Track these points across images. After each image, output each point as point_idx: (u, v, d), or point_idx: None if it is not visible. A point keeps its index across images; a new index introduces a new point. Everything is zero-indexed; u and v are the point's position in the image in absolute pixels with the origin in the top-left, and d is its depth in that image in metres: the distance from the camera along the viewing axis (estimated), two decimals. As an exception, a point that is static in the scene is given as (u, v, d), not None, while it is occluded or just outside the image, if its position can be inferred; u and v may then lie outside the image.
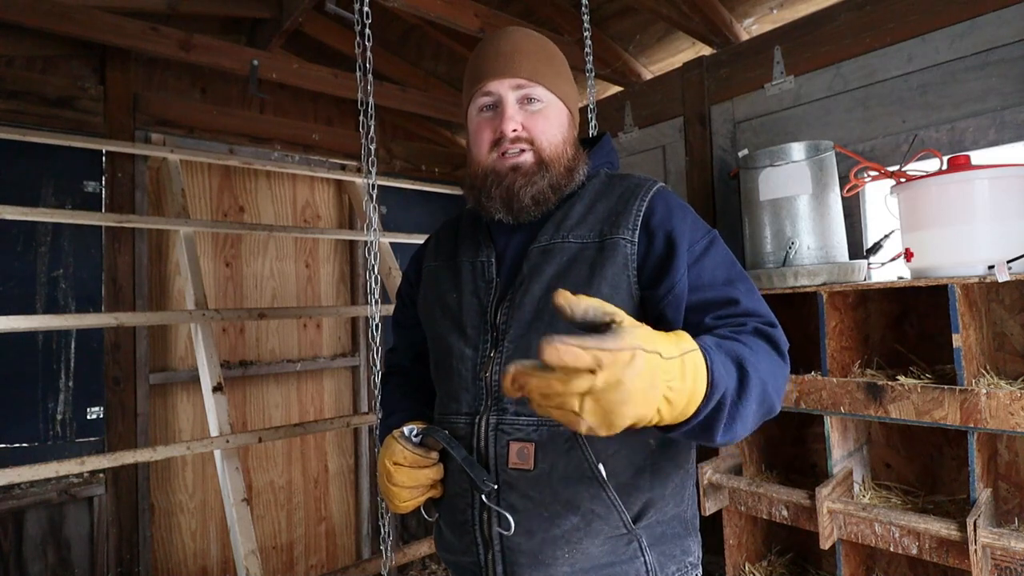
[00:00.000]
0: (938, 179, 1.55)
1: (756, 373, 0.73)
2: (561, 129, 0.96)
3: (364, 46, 1.64)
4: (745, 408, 0.71)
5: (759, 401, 0.74)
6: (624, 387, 0.57)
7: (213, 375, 1.97)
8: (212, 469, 2.66)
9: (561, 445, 0.85)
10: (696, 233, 0.90)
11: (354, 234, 2.87)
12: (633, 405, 0.58)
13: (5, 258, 2.19)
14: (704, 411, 0.66)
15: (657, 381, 0.60)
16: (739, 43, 2.38)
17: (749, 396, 0.72)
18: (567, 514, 0.85)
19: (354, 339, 3.18)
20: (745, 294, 0.86)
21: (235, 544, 1.74)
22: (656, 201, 0.92)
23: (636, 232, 0.90)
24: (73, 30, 2.16)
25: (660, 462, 0.90)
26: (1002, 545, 1.36)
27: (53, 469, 1.56)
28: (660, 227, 0.89)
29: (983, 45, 1.76)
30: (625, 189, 0.96)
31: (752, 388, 0.72)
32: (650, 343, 0.60)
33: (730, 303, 0.85)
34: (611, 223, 0.91)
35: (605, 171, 1.03)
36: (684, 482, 0.94)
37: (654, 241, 0.89)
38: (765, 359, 0.78)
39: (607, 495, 0.85)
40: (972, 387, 1.43)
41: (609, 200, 0.95)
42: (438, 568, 3.22)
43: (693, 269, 0.87)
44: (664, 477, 0.90)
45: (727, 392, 0.68)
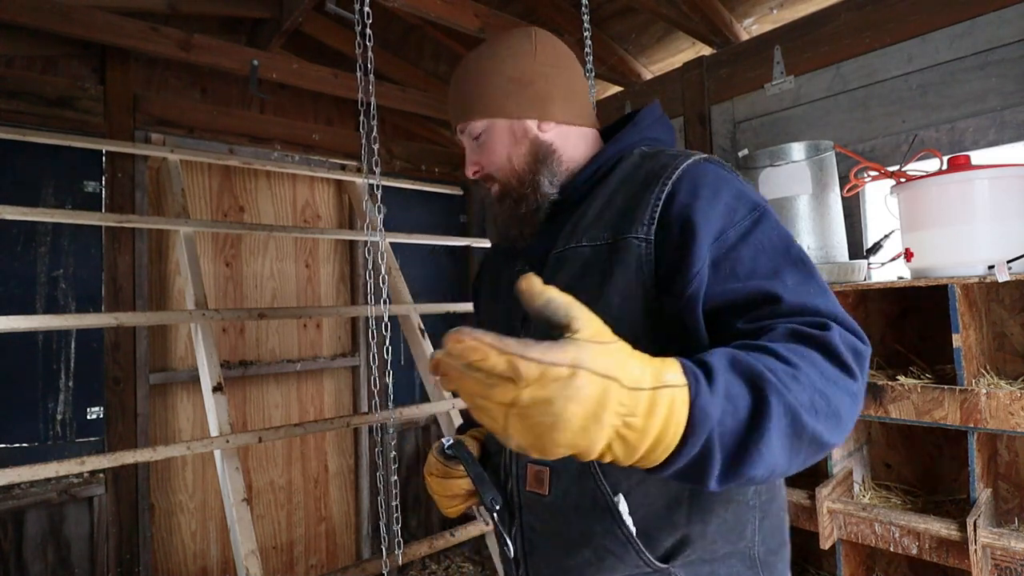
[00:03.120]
0: (938, 179, 1.55)
1: (783, 398, 0.56)
2: (504, 149, 0.91)
3: (364, 46, 1.64)
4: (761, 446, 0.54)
5: (790, 433, 0.56)
6: (553, 410, 0.47)
7: (213, 375, 1.97)
8: (212, 469, 2.66)
9: (574, 471, 0.78)
10: (732, 216, 0.73)
11: (354, 234, 2.87)
12: (567, 433, 0.47)
13: (5, 258, 2.19)
14: (683, 458, 0.52)
15: (605, 413, 0.48)
16: (739, 43, 2.38)
17: (767, 431, 0.54)
18: (579, 547, 0.78)
19: (354, 339, 3.18)
20: (794, 287, 0.67)
21: (235, 544, 1.74)
22: (681, 184, 0.76)
23: (652, 227, 0.75)
24: (73, 30, 2.16)
25: (703, 494, 0.75)
26: (1002, 545, 1.36)
27: (53, 469, 1.56)
28: (678, 217, 0.74)
29: (983, 45, 1.76)
30: (648, 172, 0.81)
31: (773, 419, 0.55)
32: (605, 365, 0.48)
33: (768, 300, 0.67)
34: (627, 218, 0.78)
35: (640, 150, 0.88)
36: (740, 517, 0.78)
37: (671, 235, 0.73)
38: (808, 374, 0.59)
39: (622, 531, 0.75)
40: (972, 387, 1.43)
41: (632, 187, 0.82)
42: (438, 568, 3.22)
43: (726, 262, 0.70)
44: (706, 512, 0.76)
45: (713, 435, 0.53)
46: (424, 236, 3.00)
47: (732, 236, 0.71)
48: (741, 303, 0.68)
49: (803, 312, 0.66)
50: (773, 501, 0.83)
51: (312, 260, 3.09)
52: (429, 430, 3.38)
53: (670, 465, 0.53)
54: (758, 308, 0.67)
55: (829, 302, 0.68)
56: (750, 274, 0.69)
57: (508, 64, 0.91)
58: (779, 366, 0.58)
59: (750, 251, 0.71)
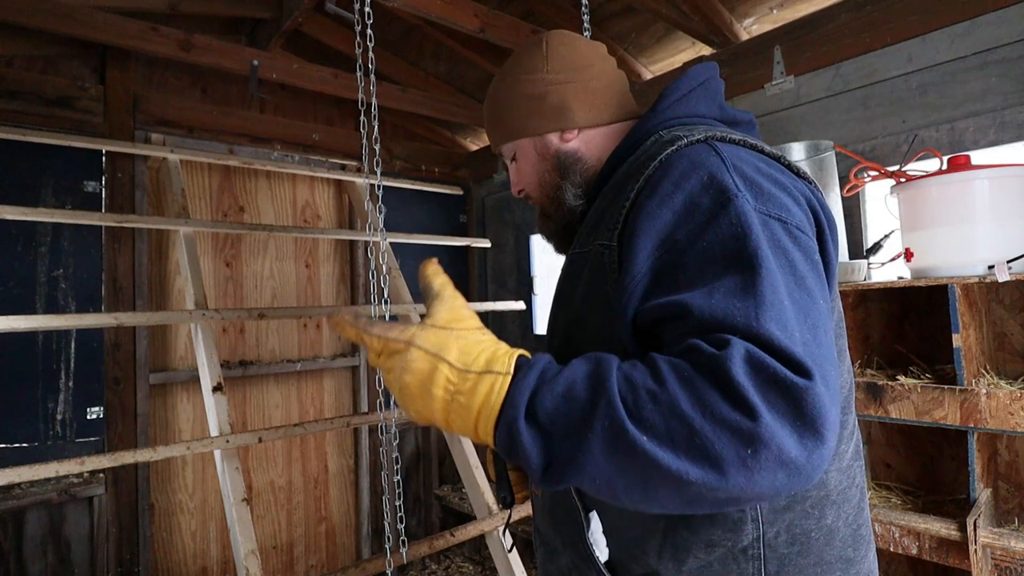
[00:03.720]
0: (938, 179, 1.55)
1: (611, 409, 0.51)
2: (533, 168, 0.92)
3: (365, 46, 1.64)
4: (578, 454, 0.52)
5: (617, 450, 0.51)
6: (396, 377, 0.59)
7: (213, 375, 1.97)
8: (212, 469, 2.66)
9: None
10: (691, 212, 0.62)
11: (354, 234, 2.87)
12: (410, 399, 0.59)
13: (5, 258, 2.19)
14: (500, 440, 0.56)
15: (434, 386, 0.57)
16: (739, 43, 2.38)
17: (587, 440, 0.52)
18: (559, 553, 0.79)
19: (354, 339, 3.18)
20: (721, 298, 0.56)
21: (235, 544, 1.74)
22: (653, 176, 0.68)
23: (615, 232, 0.69)
24: (73, 30, 2.16)
25: (678, 530, 0.67)
26: (1002, 545, 1.36)
27: (53, 469, 1.56)
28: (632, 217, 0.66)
29: (983, 45, 1.76)
30: (635, 166, 0.73)
31: (595, 430, 0.52)
32: (436, 345, 0.58)
33: (680, 315, 0.57)
34: (600, 223, 0.74)
35: (657, 136, 0.78)
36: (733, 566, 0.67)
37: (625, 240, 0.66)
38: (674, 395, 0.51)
39: (586, 547, 0.72)
40: (972, 387, 1.43)
41: (616, 186, 0.76)
42: (438, 568, 3.22)
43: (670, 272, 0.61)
44: (681, 550, 0.67)
45: (517, 424, 0.54)
46: (424, 236, 3.00)
47: (683, 239, 0.61)
48: (662, 319, 0.59)
49: (714, 328, 0.54)
50: (805, 556, 0.68)
51: (312, 260, 3.09)
52: (429, 430, 3.38)
53: (498, 444, 0.56)
54: (672, 323, 0.58)
55: (759, 317, 0.53)
56: (691, 283, 0.58)
57: (522, 82, 0.91)
58: (644, 380, 0.53)
59: (697, 257, 0.60)
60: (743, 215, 0.60)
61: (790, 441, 0.49)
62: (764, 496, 0.51)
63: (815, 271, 0.62)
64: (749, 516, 0.66)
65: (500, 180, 3.43)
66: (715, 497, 0.50)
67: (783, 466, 0.49)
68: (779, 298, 0.55)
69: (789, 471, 0.49)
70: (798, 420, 0.49)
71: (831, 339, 0.58)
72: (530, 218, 3.33)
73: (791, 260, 0.59)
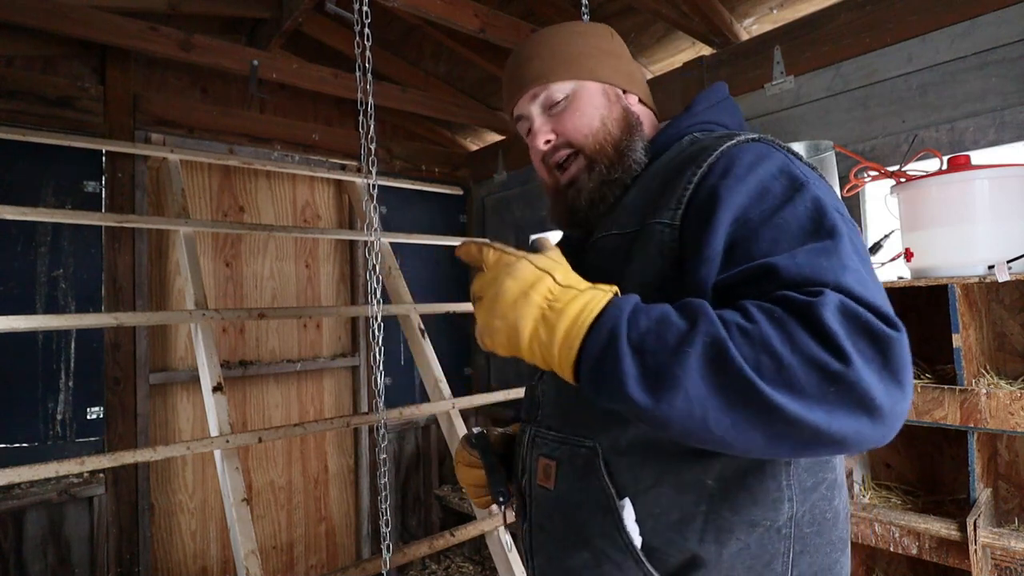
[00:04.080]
0: (938, 179, 1.55)
1: (714, 332, 0.53)
2: (598, 111, 0.85)
3: (364, 46, 1.64)
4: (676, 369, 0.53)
5: (714, 369, 0.53)
6: (497, 283, 0.62)
7: (213, 375, 1.97)
8: (212, 469, 2.66)
9: (579, 467, 0.75)
10: (764, 195, 0.66)
11: (354, 234, 2.87)
12: (502, 304, 0.61)
13: (5, 258, 2.19)
14: (591, 346, 0.57)
15: (534, 293, 0.60)
16: (739, 43, 2.38)
17: (685, 355, 0.53)
18: (579, 547, 0.75)
19: (354, 339, 3.18)
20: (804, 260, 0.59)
21: (235, 544, 1.74)
22: (717, 164, 0.70)
23: (680, 211, 0.70)
24: (73, 30, 2.16)
25: (722, 512, 0.68)
26: (1002, 545, 1.36)
27: (53, 469, 1.56)
28: (704, 197, 0.68)
29: (983, 45, 1.76)
30: (688, 157, 0.76)
31: (696, 347, 0.53)
32: (545, 264, 0.62)
33: (766, 274, 0.59)
34: (655, 205, 0.74)
35: (692, 136, 0.83)
36: (766, 545, 0.68)
37: (694, 217, 0.68)
38: (767, 332, 0.53)
39: (621, 537, 0.70)
40: (972, 387, 1.43)
41: (666, 174, 0.77)
42: (438, 568, 3.22)
43: (742, 245, 0.63)
44: (724, 532, 0.68)
45: (619, 325, 0.56)
46: (424, 236, 3.00)
47: (756, 218, 0.64)
48: (744, 282, 0.61)
49: (804, 284, 0.57)
50: (820, 536, 0.72)
51: (312, 260, 3.09)
52: (429, 430, 3.38)
53: (585, 355, 0.57)
54: (758, 284, 0.60)
55: (844, 274, 0.57)
56: (765, 255, 0.61)
57: (597, 36, 0.91)
58: (734, 317, 0.55)
59: (771, 232, 0.63)
60: (817, 199, 0.65)
61: (878, 387, 0.51)
62: (847, 439, 0.52)
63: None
64: (786, 495, 0.69)
65: (500, 180, 3.43)
66: (800, 433, 0.52)
67: (867, 410, 0.51)
68: (858, 264, 0.60)
69: (873, 416, 0.52)
70: (885, 368, 0.52)
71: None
72: (530, 218, 3.33)
73: (858, 241, 0.64)
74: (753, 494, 0.68)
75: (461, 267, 3.61)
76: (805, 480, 0.71)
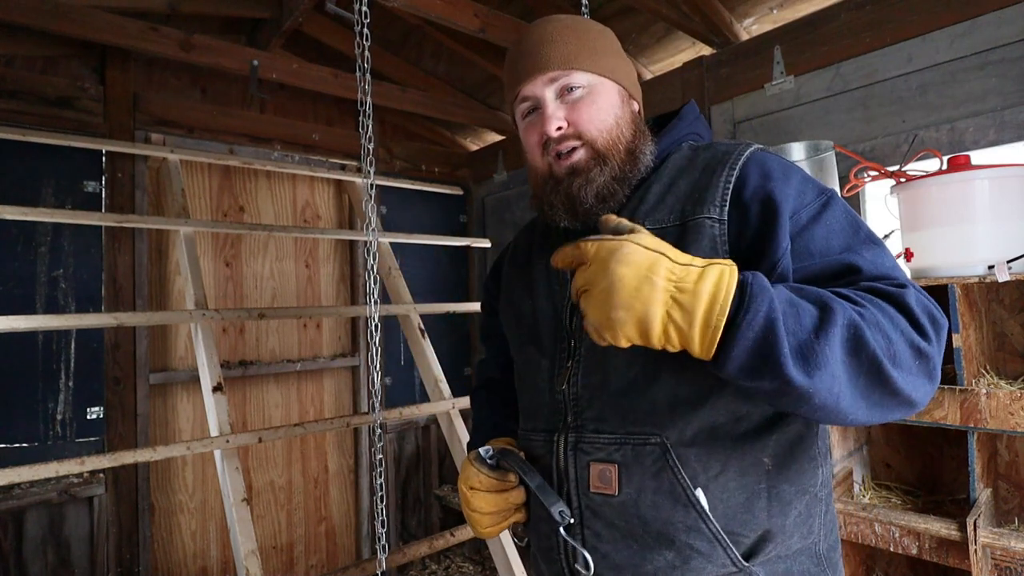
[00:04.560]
0: (938, 179, 1.55)
1: (846, 311, 0.60)
2: (613, 110, 0.84)
3: (363, 46, 1.64)
4: (825, 346, 0.58)
5: (851, 349, 0.60)
6: (610, 273, 0.58)
7: (213, 375, 1.97)
8: (212, 469, 2.66)
9: (649, 466, 0.74)
10: (803, 198, 0.75)
11: (354, 234, 2.87)
12: (623, 294, 0.57)
13: (5, 258, 2.19)
14: (747, 328, 0.57)
15: (656, 276, 0.57)
16: (739, 43, 2.38)
17: (830, 333, 0.58)
18: (659, 548, 0.73)
19: (354, 339, 3.18)
20: (871, 259, 0.71)
21: (235, 544, 1.74)
22: (749, 168, 0.77)
23: (725, 209, 0.75)
24: (73, 30, 2.16)
25: (780, 485, 0.75)
26: (1002, 545, 1.36)
27: (53, 469, 1.56)
28: (755, 197, 0.74)
29: (983, 45, 1.76)
30: (711, 159, 0.81)
31: (836, 324, 0.59)
32: (653, 243, 0.60)
33: (848, 271, 0.70)
34: (694, 200, 0.78)
35: (689, 143, 0.89)
36: (811, 509, 0.78)
37: (748, 215, 0.74)
38: (874, 314, 0.62)
39: (708, 527, 0.72)
40: (972, 387, 1.43)
41: (692, 175, 0.81)
42: (438, 568, 3.22)
43: (799, 240, 0.72)
44: (785, 504, 0.75)
45: (774, 308, 0.57)
46: (424, 236, 3.01)
47: (804, 217, 0.73)
48: (822, 277, 0.70)
49: (883, 278, 0.69)
50: (830, 495, 0.84)
51: (312, 260, 3.09)
52: (429, 430, 3.38)
53: (739, 338, 0.57)
54: (840, 279, 0.70)
55: (902, 274, 0.71)
56: (824, 252, 0.72)
57: (610, 37, 0.92)
58: (842, 296, 0.64)
59: (822, 230, 0.73)
60: (848, 207, 0.77)
61: (938, 360, 0.66)
62: (919, 401, 0.65)
63: None
64: (819, 461, 0.80)
65: (500, 180, 3.43)
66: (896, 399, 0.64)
67: (932, 377, 0.66)
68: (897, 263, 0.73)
69: (933, 382, 0.66)
70: (940, 346, 0.67)
71: None
72: (531, 217, 3.32)
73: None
74: (801, 464, 0.77)
75: (461, 267, 3.61)
76: (822, 447, 0.82)
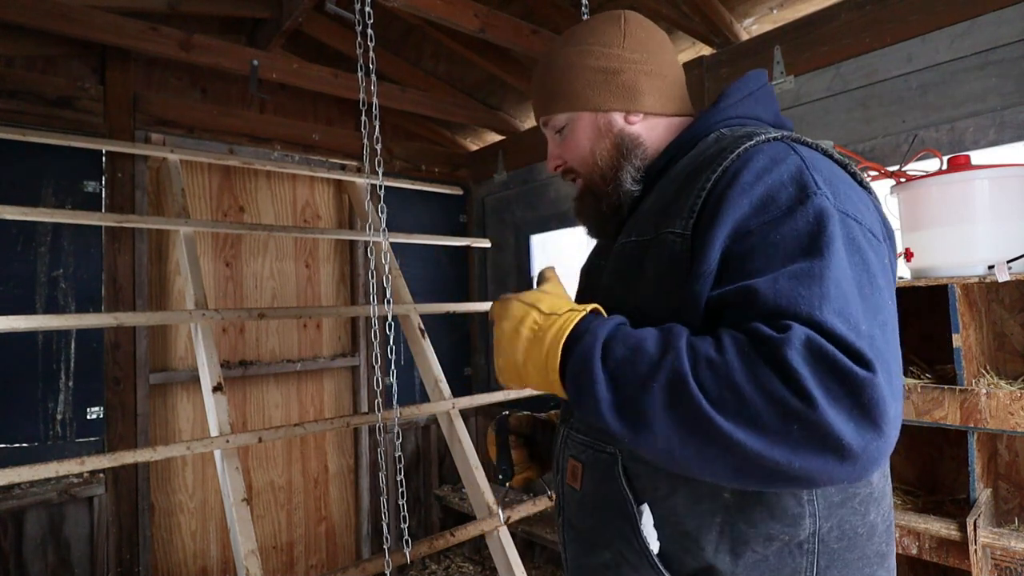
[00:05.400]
0: (938, 179, 1.55)
1: (675, 362, 0.56)
2: (589, 142, 0.87)
3: (365, 46, 1.64)
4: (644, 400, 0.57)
5: (674, 401, 0.55)
6: (499, 328, 0.71)
7: (213, 375, 1.97)
8: (212, 469, 2.66)
9: (602, 471, 0.77)
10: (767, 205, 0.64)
11: (354, 234, 2.87)
12: (504, 341, 0.70)
13: (5, 258, 2.19)
14: (568, 382, 0.64)
15: (523, 327, 0.68)
16: (739, 43, 2.38)
17: (651, 388, 0.56)
18: (601, 547, 0.78)
19: (354, 339, 3.18)
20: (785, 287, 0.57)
21: (235, 544, 1.74)
22: (730, 168, 0.69)
23: (690, 221, 0.69)
24: (73, 30, 2.16)
25: (738, 525, 0.67)
26: (1002, 545, 1.36)
27: (53, 469, 1.56)
28: (709, 207, 0.67)
29: (983, 45, 1.76)
30: (706, 159, 0.74)
31: (657, 378, 0.56)
32: (532, 299, 0.71)
33: (745, 300, 0.59)
34: (668, 212, 0.73)
35: (718, 133, 0.81)
36: (789, 560, 0.67)
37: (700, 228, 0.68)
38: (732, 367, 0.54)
39: (637, 541, 0.72)
40: (972, 387, 1.44)
41: (683, 178, 0.76)
42: (438, 568, 3.22)
43: (737, 260, 0.63)
44: (739, 544, 0.67)
45: (589, 366, 0.60)
46: (424, 236, 3.00)
47: (755, 230, 0.63)
48: (729, 303, 0.61)
49: (778, 314, 0.56)
50: (852, 551, 0.70)
51: (312, 260, 3.08)
52: (429, 430, 3.38)
53: (566, 377, 0.64)
54: (740, 308, 0.60)
55: (823, 307, 0.55)
56: (756, 273, 0.61)
57: (594, 53, 0.86)
58: (705, 348, 0.57)
59: (766, 248, 0.61)
60: (822, 211, 0.62)
61: (846, 428, 0.51)
62: (815, 476, 0.53)
63: (885, 273, 0.65)
64: (807, 511, 0.68)
65: (500, 180, 3.43)
66: (762, 468, 0.53)
67: (833, 450, 0.51)
68: (846, 291, 0.57)
69: (842, 456, 0.51)
70: (855, 409, 0.51)
71: (898, 339, 0.62)
72: (531, 218, 3.33)
73: (865, 259, 0.61)
74: (770, 508, 0.67)
75: (461, 267, 3.61)
76: (832, 495, 0.69)
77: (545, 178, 3.17)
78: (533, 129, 3.29)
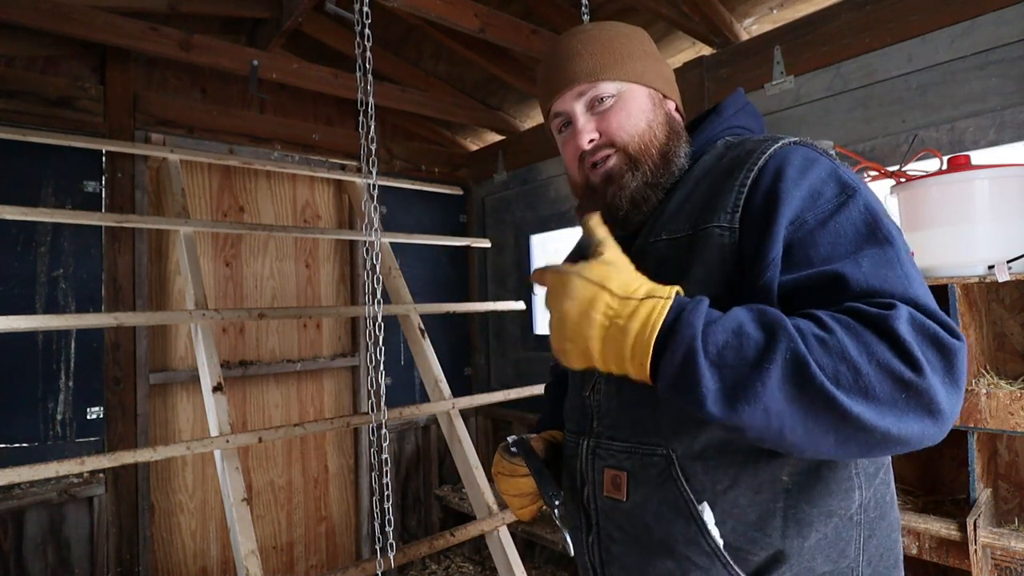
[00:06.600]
0: (938, 179, 1.55)
1: (793, 346, 0.56)
2: (644, 113, 0.84)
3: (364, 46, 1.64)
4: (758, 384, 0.55)
5: (795, 383, 0.55)
6: (558, 306, 0.62)
7: (213, 375, 1.97)
8: (212, 469, 2.66)
9: (654, 476, 0.75)
10: (816, 199, 0.68)
11: (354, 234, 2.87)
12: (568, 326, 0.62)
13: (5, 258, 2.19)
14: (667, 365, 0.58)
15: (594, 311, 0.60)
16: (739, 43, 2.38)
17: (767, 371, 0.55)
18: (661, 556, 0.74)
19: (354, 339, 3.18)
20: (869, 270, 0.62)
21: (235, 544, 1.74)
22: (768, 167, 0.72)
23: (737, 215, 0.71)
24: (73, 30, 2.16)
25: (799, 505, 0.70)
26: (1002, 545, 1.36)
27: (53, 469, 1.56)
28: (761, 200, 0.70)
29: (983, 45, 1.76)
30: (735, 158, 0.77)
31: (776, 362, 0.55)
32: (598, 275, 0.61)
33: (835, 284, 0.62)
34: (708, 208, 0.75)
35: (725, 140, 0.86)
36: (841, 533, 0.71)
37: (754, 221, 0.70)
38: (844, 343, 0.56)
39: (706, 542, 0.70)
40: (972, 387, 1.43)
41: (714, 177, 0.78)
42: (438, 568, 3.22)
43: (800, 248, 0.66)
44: (805, 525, 0.69)
45: (695, 346, 0.57)
46: (424, 236, 3.00)
47: (811, 221, 0.67)
48: (810, 288, 0.64)
49: (872, 295, 0.61)
50: (883, 519, 0.76)
51: (312, 260, 3.09)
52: (429, 430, 3.38)
53: (659, 371, 0.59)
54: (825, 292, 0.63)
55: (911, 286, 0.61)
56: (826, 260, 0.65)
57: (636, 38, 0.89)
58: (810, 327, 0.58)
59: (828, 236, 0.66)
60: (870, 204, 0.68)
61: (941, 392, 0.56)
62: (912, 439, 0.57)
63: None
64: (856, 483, 0.72)
65: (500, 180, 3.43)
66: (870, 436, 0.56)
67: (931, 413, 0.57)
68: (916, 273, 0.64)
69: (936, 418, 0.57)
70: (948, 375, 0.57)
71: None
72: (531, 218, 3.33)
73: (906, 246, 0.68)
74: (828, 485, 0.70)
75: (461, 267, 3.61)
76: (868, 467, 0.74)
77: (545, 178, 3.17)
78: (533, 129, 3.29)
